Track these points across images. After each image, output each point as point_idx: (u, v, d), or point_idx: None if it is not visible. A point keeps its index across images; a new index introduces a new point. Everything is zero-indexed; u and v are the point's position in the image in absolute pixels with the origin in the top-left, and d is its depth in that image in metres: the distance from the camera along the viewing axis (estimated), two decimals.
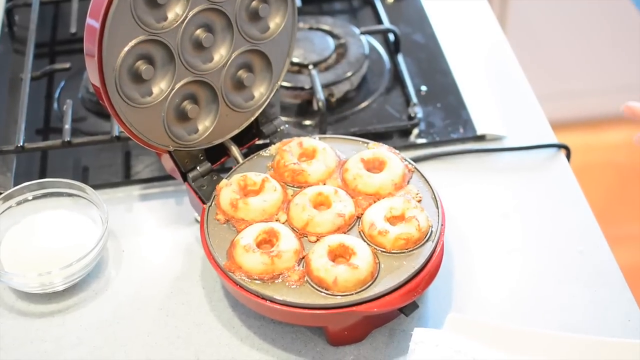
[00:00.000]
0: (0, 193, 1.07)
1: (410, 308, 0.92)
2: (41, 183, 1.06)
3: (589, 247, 1.04)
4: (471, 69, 1.27)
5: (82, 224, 1.05)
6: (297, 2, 1.04)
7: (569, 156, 1.16)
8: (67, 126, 1.13)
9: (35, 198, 1.06)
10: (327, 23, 1.31)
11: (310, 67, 1.23)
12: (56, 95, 1.26)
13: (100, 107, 1.20)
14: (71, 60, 1.27)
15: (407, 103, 1.21)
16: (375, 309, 0.90)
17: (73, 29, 1.32)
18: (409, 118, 1.20)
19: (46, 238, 1.03)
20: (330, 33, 1.29)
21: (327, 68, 1.24)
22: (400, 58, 1.28)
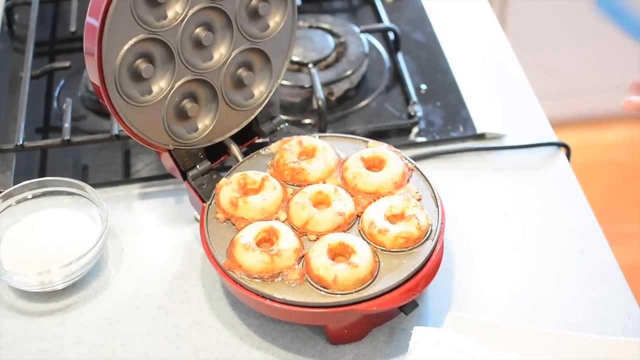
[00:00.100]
0: (0, 191, 1.07)
1: (410, 307, 0.92)
2: (41, 182, 1.06)
3: (589, 246, 1.04)
4: (471, 68, 1.27)
5: (82, 223, 1.04)
6: (297, 1, 1.04)
7: (569, 155, 1.16)
8: (67, 125, 1.13)
9: (34, 197, 1.06)
10: (327, 22, 1.31)
11: (310, 66, 1.23)
12: (56, 93, 1.26)
13: (100, 106, 1.19)
14: (71, 58, 1.27)
15: (407, 102, 1.21)
16: (375, 308, 0.89)
17: (73, 28, 1.32)
18: (409, 117, 1.19)
19: (46, 237, 1.03)
20: (330, 32, 1.29)
21: (327, 67, 1.24)
22: (400, 57, 1.28)
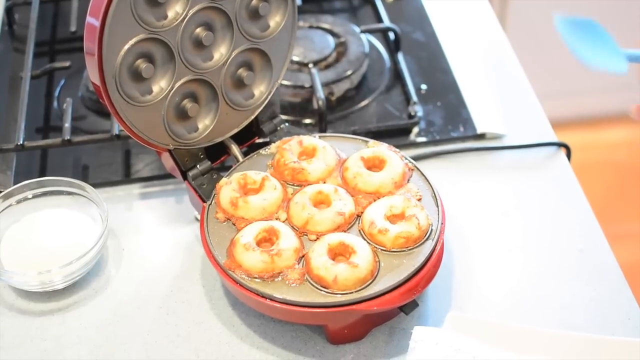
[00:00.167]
0: (0, 191, 1.07)
1: (410, 306, 0.92)
2: (41, 181, 1.06)
3: (589, 246, 1.04)
4: (471, 68, 1.27)
5: (82, 223, 1.04)
6: (297, 1, 1.04)
7: (569, 155, 1.16)
8: (67, 125, 1.13)
9: (35, 196, 1.06)
10: (327, 22, 1.31)
11: (310, 66, 1.23)
12: (56, 93, 1.26)
13: (100, 106, 1.19)
14: (71, 58, 1.27)
15: (407, 102, 1.21)
16: (375, 308, 0.90)
17: (73, 28, 1.32)
18: (409, 117, 1.19)
19: (46, 236, 1.03)
20: (330, 32, 1.29)
21: (327, 66, 1.24)
22: (400, 57, 1.28)
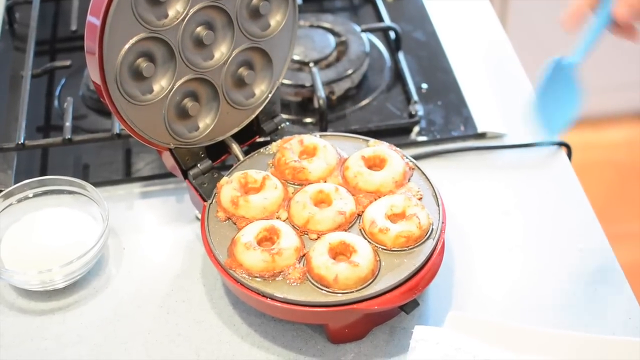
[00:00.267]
0: (0, 190, 1.07)
1: (411, 306, 0.92)
2: (42, 180, 1.06)
3: (590, 245, 1.04)
4: (472, 67, 1.27)
5: (83, 222, 1.04)
6: (298, 0, 1.04)
7: (570, 154, 1.16)
8: (68, 124, 1.13)
9: (35, 195, 1.06)
10: (328, 21, 1.31)
11: (311, 65, 1.23)
12: (57, 92, 1.26)
13: (100, 105, 1.19)
14: (72, 57, 1.27)
15: (408, 101, 1.21)
16: (375, 307, 0.89)
17: (74, 27, 1.32)
18: (410, 116, 1.19)
19: (47, 235, 1.03)
20: (331, 31, 1.29)
21: (328, 66, 1.24)
22: (401, 56, 1.28)
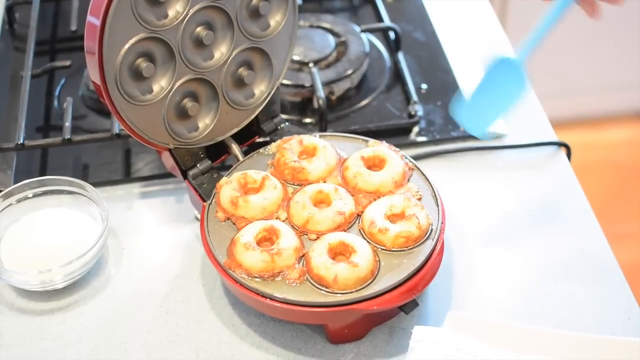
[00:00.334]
0: (0, 190, 1.07)
1: (410, 306, 0.92)
2: (41, 180, 1.06)
3: (589, 245, 1.04)
4: (472, 67, 1.27)
5: (82, 222, 1.04)
6: (298, 0, 1.04)
7: (569, 154, 1.16)
8: (68, 124, 1.13)
9: (35, 196, 1.06)
10: (328, 21, 1.31)
11: (310, 65, 1.23)
12: (56, 92, 1.26)
13: (100, 105, 1.19)
14: (71, 57, 1.27)
15: (408, 101, 1.21)
16: (375, 307, 0.89)
17: (73, 27, 1.32)
18: (409, 116, 1.19)
19: (46, 235, 1.03)
20: (330, 31, 1.29)
21: (328, 66, 1.24)
22: (400, 56, 1.28)
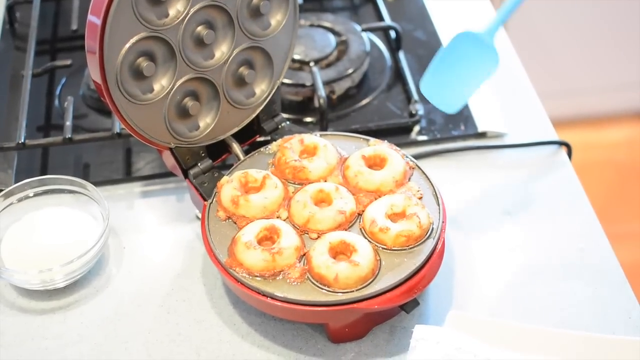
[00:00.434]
0: (1, 190, 1.07)
1: (411, 305, 0.92)
2: (42, 180, 1.06)
3: (590, 245, 1.04)
4: None
5: (83, 221, 1.04)
6: None
7: (570, 153, 1.16)
8: (68, 123, 1.13)
9: (36, 195, 1.06)
10: (328, 20, 1.31)
11: (311, 64, 1.23)
12: (57, 92, 1.26)
13: (101, 104, 1.20)
14: (72, 57, 1.27)
15: (408, 100, 1.21)
16: (376, 306, 0.90)
17: (74, 26, 1.32)
18: (410, 115, 1.19)
19: (47, 235, 1.03)
20: (331, 30, 1.29)
21: (328, 65, 1.24)
22: (401, 55, 1.28)
